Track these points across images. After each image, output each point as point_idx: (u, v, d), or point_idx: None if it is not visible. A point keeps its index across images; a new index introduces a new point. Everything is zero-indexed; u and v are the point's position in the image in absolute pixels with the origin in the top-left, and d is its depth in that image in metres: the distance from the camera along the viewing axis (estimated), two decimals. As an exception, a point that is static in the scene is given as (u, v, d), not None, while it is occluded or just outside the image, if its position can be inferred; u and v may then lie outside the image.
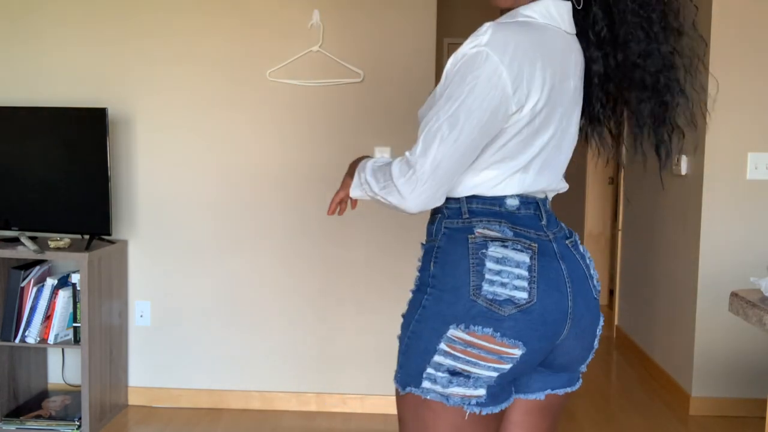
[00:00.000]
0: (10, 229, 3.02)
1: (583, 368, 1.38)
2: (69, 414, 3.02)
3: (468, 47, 1.17)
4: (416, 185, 1.16)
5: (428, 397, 1.21)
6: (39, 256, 2.85)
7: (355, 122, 3.11)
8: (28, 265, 2.99)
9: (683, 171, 3.42)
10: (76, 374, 3.27)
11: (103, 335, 3.00)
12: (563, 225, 1.36)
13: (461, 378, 1.19)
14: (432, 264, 1.26)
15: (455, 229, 1.25)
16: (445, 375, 1.19)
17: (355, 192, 1.33)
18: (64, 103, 3.13)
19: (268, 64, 3.11)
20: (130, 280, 3.23)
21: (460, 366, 1.19)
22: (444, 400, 1.20)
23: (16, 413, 3.04)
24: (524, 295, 1.19)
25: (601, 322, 1.36)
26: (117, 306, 3.13)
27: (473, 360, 1.18)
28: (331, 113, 3.12)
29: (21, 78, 3.18)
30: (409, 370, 1.23)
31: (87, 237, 3.03)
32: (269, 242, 3.19)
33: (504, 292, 1.19)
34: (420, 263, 1.30)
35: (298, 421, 3.13)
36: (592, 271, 1.34)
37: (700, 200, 3.23)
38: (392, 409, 3.10)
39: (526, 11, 1.25)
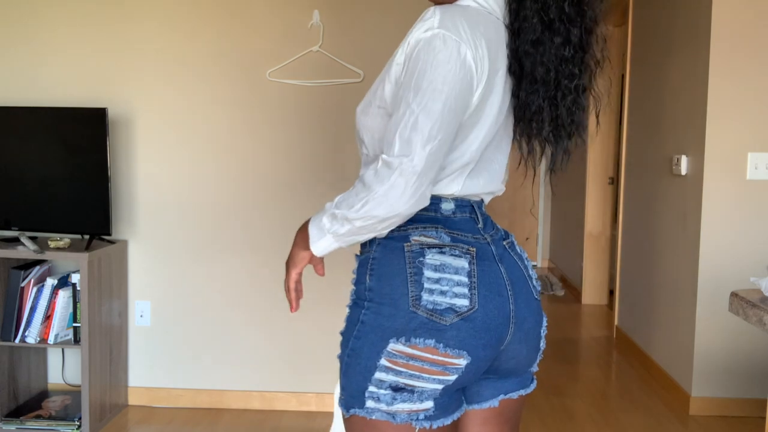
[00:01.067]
0: (10, 229, 3.02)
1: (534, 368, 1.34)
2: (69, 414, 3.02)
3: (420, 32, 1.10)
4: (405, 185, 1.07)
5: (373, 417, 1.15)
6: (39, 256, 2.85)
7: (355, 122, 3.11)
8: (28, 265, 2.99)
9: (683, 171, 3.42)
10: (76, 374, 3.27)
11: (103, 335, 3.00)
12: (498, 227, 1.31)
13: (405, 393, 1.14)
14: (368, 276, 1.19)
15: (390, 238, 1.19)
16: (388, 392, 1.14)
17: (320, 245, 1.18)
18: (64, 103, 3.13)
19: (268, 64, 3.11)
20: (130, 280, 3.23)
21: (402, 381, 1.14)
22: (390, 418, 1.15)
23: (16, 413, 3.04)
24: (465, 302, 1.14)
25: (545, 323, 1.31)
26: (117, 306, 3.13)
27: (416, 373, 1.13)
28: (331, 113, 3.12)
29: (21, 78, 3.18)
30: (351, 390, 1.17)
31: (87, 237, 3.03)
32: (269, 242, 3.19)
33: (444, 301, 1.14)
34: (355, 276, 1.23)
35: (298, 421, 3.13)
36: (530, 272, 1.29)
37: (700, 200, 3.23)
38: (392, 409, 3.10)
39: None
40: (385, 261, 1.18)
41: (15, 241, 2.96)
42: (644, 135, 4.12)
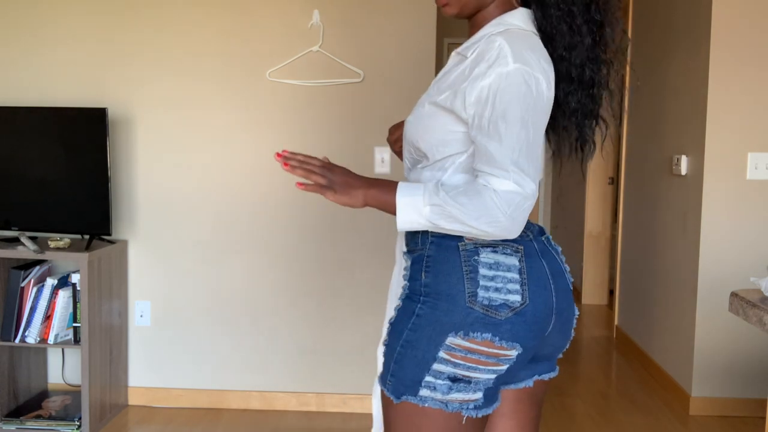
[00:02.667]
0: (10, 229, 3.02)
1: (559, 355, 1.44)
2: (69, 414, 3.02)
3: (500, 69, 1.17)
4: (522, 212, 1.19)
5: (426, 405, 1.23)
6: (39, 256, 2.85)
7: (355, 122, 3.11)
8: (28, 265, 2.99)
9: (683, 171, 3.42)
10: (76, 374, 3.27)
11: (103, 335, 3.00)
12: (532, 222, 1.38)
13: (461, 384, 1.22)
14: (423, 273, 1.26)
15: (444, 237, 1.26)
16: (446, 382, 1.22)
17: (408, 223, 1.22)
18: (64, 103, 3.13)
19: (268, 64, 3.11)
20: (130, 280, 3.23)
21: (461, 372, 1.22)
22: (443, 406, 1.23)
23: (16, 413, 3.04)
24: (518, 297, 1.23)
25: (577, 313, 1.39)
26: (117, 306, 3.13)
27: (474, 365, 1.22)
28: (331, 113, 3.12)
29: (21, 78, 3.18)
30: (405, 379, 1.24)
31: (87, 237, 3.03)
32: (269, 242, 3.19)
33: (499, 297, 1.22)
34: (407, 272, 1.30)
35: (298, 421, 3.13)
36: (565, 265, 1.38)
37: (700, 200, 3.23)
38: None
39: (512, 20, 1.26)
40: (440, 259, 1.25)
41: (15, 241, 2.96)
42: (644, 135, 4.12)
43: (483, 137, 1.19)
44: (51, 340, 2.90)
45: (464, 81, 1.22)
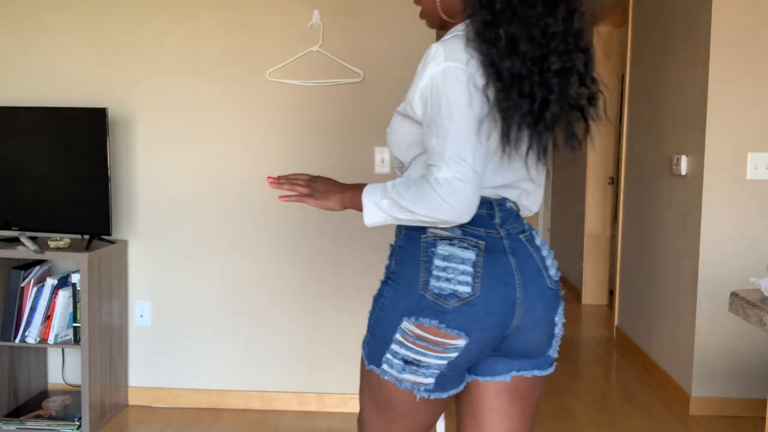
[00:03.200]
0: (10, 229, 3.02)
1: (553, 353, 1.45)
2: (69, 414, 3.02)
3: (432, 69, 1.27)
4: (463, 196, 1.24)
5: (384, 378, 1.36)
6: (39, 256, 2.85)
7: (355, 122, 3.11)
8: (28, 265, 2.99)
9: (683, 171, 3.42)
10: (76, 374, 3.27)
11: (103, 335, 3.00)
12: (523, 221, 1.43)
13: (413, 366, 1.33)
14: (393, 260, 1.40)
15: (413, 229, 1.37)
16: (400, 362, 1.34)
17: (374, 220, 1.34)
18: (64, 103, 3.13)
19: (268, 64, 3.11)
20: (130, 280, 3.23)
21: (411, 356, 1.32)
22: (397, 383, 1.35)
23: (16, 413, 3.04)
24: (467, 289, 1.30)
25: (561, 310, 1.43)
26: (117, 306, 3.13)
27: (423, 351, 1.31)
28: (331, 113, 3.12)
29: (21, 78, 3.18)
30: (373, 350, 1.39)
31: (87, 237, 3.03)
32: (269, 242, 3.19)
33: (448, 287, 1.30)
34: (388, 260, 1.43)
35: (298, 421, 3.13)
36: (548, 263, 1.41)
37: (700, 200, 3.23)
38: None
39: (461, 26, 1.34)
40: (406, 249, 1.37)
41: (15, 241, 2.96)
42: (644, 135, 4.12)
43: (426, 133, 1.29)
44: (51, 340, 2.91)
45: (410, 89, 1.34)
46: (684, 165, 3.42)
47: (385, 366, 1.36)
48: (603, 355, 4.25)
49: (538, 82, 1.27)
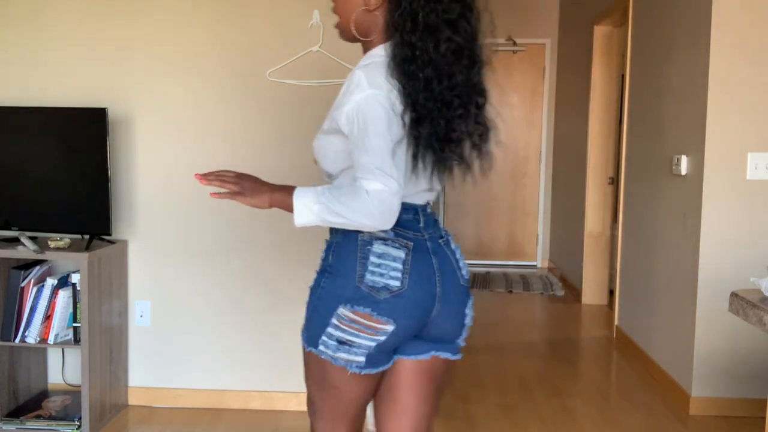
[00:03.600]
0: (10, 229, 3.02)
1: (461, 342, 1.68)
2: (69, 414, 3.02)
3: (357, 95, 1.45)
4: (390, 205, 1.43)
5: (321, 357, 1.55)
6: (39, 256, 2.85)
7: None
8: (28, 265, 2.99)
9: (683, 171, 3.42)
10: (76, 374, 3.27)
11: (103, 335, 3.00)
12: (441, 227, 1.66)
13: (346, 346, 1.52)
14: (331, 255, 1.58)
15: (351, 233, 1.54)
16: (334, 343, 1.53)
17: (304, 221, 1.53)
18: (64, 103, 3.13)
19: (268, 64, 3.11)
20: (130, 280, 3.23)
21: (345, 337, 1.51)
22: (332, 360, 1.54)
23: (16, 413, 3.04)
24: (397, 283, 1.50)
25: (470, 303, 1.67)
26: (117, 306, 3.13)
27: (355, 333, 1.51)
28: (331, 113, 3.12)
29: (21, 78, 3.18)
30: (311, 334, 1.57)
31: (87, 237, 3.03)
32: (269, 242, 3.19)
33: (381, 281, 1.50)
34: (323, 253, 1.63)
35: (298, 421, 3.13)
36: (460, 264, 1.64)
37: (700, 200, 3.23)
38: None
39: (379, 52, 1.52)
40: (343, 245, 1.55)
41: (15, 241, 2.96)
42: (644, 135, 4.12)
43: (354, 150, 1.47)
44: (51, 340, 2.91)
45: (335, 109, 1.52)
46: (684, 165, 3.42)
47: (321, 347, 1.54)
48: (603, 355, 4.25)
49: (444, 117, 1.49)
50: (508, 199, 7.09)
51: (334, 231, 1.61)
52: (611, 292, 5.39)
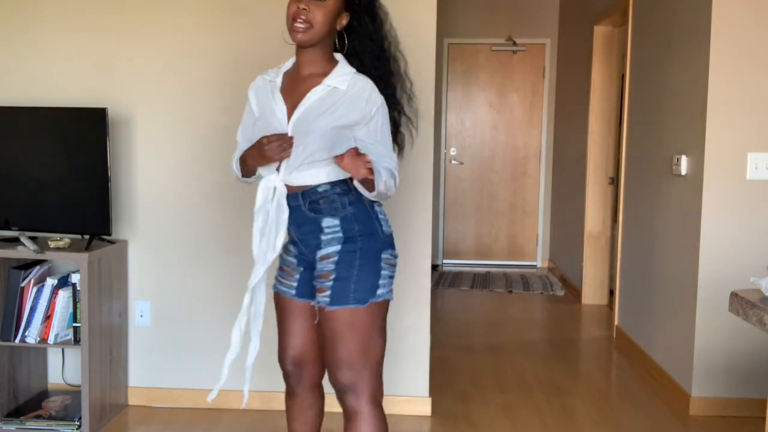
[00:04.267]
0: (10, 229, 3.02)
1: None
2: (69, 414, 3.02)
3: (379, 99, 2.00)
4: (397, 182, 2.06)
5: (381, 299, 2.01)
6: (39, 256, 2.85)
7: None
8: (28, 265, 2.99)
9: (683, 171, 3.42)
10: (76, 374, 3.27)
11: (103, 335, 3.00)
12: None
13: (391, 280, 2.05)
14: (354, 224, 2.00)
15: (357, 202, 2.02)
16: (388, 281, 2.03)
17: (371, 196, 2.00)
18: (64, 103, 3.13)
19: (268, 64, 3.10)
20: (130, 280, 3.23)
21: (389, 274, 2.04)
22: (389, 296, 2.04)
23: (16, 413, 3.04)
24: (391, 229, 2.11)
25: None
26: (117, 306, 3.13)
27: (393, 267, 2.07)
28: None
29: (21, 78, 3.18)
30: (366, 288, 1.98)
31: (87, 237, 3.03)
32: (269, 242, 3.19)
33: (389, 229, 2.08)
34: (337, 228, 2.00)
35: (298, 421, 3.13)
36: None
37: (700, 200, 3.23)
38: (392, 409, 3.10)
39: (348, 68, 2.03)
40: (361, 213, 2.02)
41: (15, 241, 2.96)
42: (644, 135, 4.12)
43: (376, 145, 1.99)
44: (51, 340, 2.91)
45: (353, 109, 1.97)
46: (684, 165, 3.42)
47: (380, 290, 2.01)
48: (603, 355, 4.25)
49: (396, 109, 2.12)
50: (508, 199, 7.09)
51: (340, 207, 2.00)
52: (611, 292, 5.39)
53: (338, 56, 2.04)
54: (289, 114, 1.99)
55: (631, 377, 3.81)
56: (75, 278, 2.93)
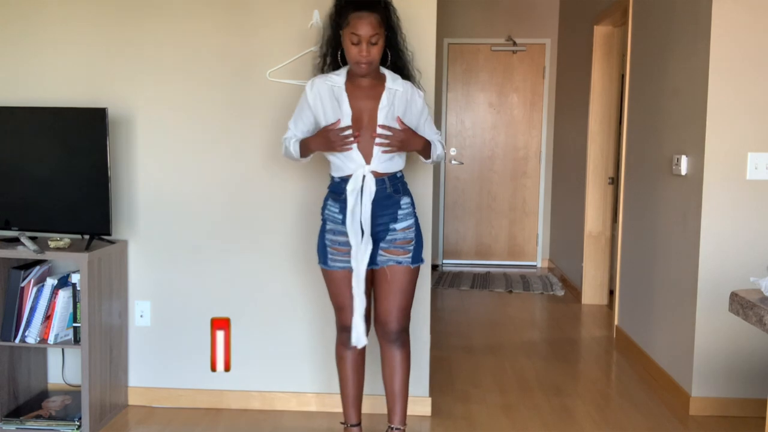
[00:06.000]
0: (10, 229, 3.02)
1: None
2: (69, 414, 3.02)
3: (421, 95, 2.65)
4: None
5: (422, 265, 2.66)
6: (39, 256, 2.85)
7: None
8: (28, 265, 2.99)
9: (683, 171, 3.42)
10: (76, 374, 3.27)
11: (103, 335, 3.01)
12: None
13: None
14: (411, 202, 2.63)
15: (406, 182, 2.67)
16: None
17: (435, 153, 2.69)
18: (64, 103, 3.13)
19: (268, 64, 3.11)
20: (130, 280, 3.23)
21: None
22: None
23: (16, 413, 3.04)
24: None
25: None
26: (117, 306, 3.13)
27: None
28: (331, 113, 3.12)
29: (21, 78, 3.18)
30: (421, 251, 2.63)
31: (87, 237, 3.03)
32: (269, 242, 3.19)
33: None
34: (407, 204, 2.60)
35: (298, 421, 3.13)
36: None
37: (700, 200, 3.23)
38: (392, 409, 3.10)
39: (396, 75, 2.62)
40: (405, 187, 2.64)
41: (15, 241, 2.96)
42: (644, 135, 4.12)
43: (428, 124, 2.69)
44: (51, 340, 2.91)
45: (411, 106, 2.59)
46: (684, 165, 3.42)
47: (424, 255, 2.79)
48: (603, 355, 4.25)
49: None
50: (508, 199, 7.09)
51: (402, 188, 2.61)
52: (611, 292, 5.39)
53: (381, 68, 2.59)
54: (355, 114, 2.50)
55: (631, 377, 3.81)
56: (75, 278, 2.93)
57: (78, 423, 2.94)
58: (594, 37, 5.30)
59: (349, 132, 2.44)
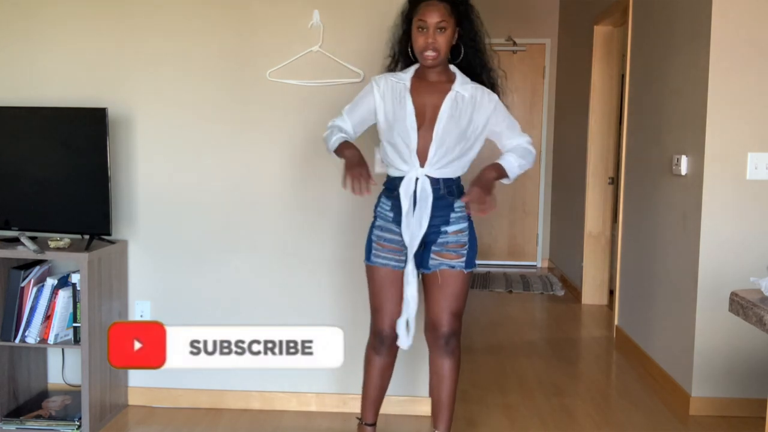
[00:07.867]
0: (10, 229, 3.02)
1: None
2: (69, 414, 3.02)
3: (491, 93, 2.52)
4: None
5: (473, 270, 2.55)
6: (39, 256, 2.85)
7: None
8: (28, 265, 2.99)
9: (683, 171, 3.42)
10: (76, 374, 3.27)
11: (103, 335, 3.00)
12: None
13: None
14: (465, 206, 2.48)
15: (462, 186, 2.55)
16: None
17: (512, 174, 2.54)
18: (64, 103, 3.13)
19: (268, 64, 3.11)
20: (130, 280, 3.23)
21: None
22: None
23: (16, 413, 3.04)
24: None
25: None
26: (117, 306, 3.13)
27: None
28: (331, 113, 3.11)
29: (21, 78, 3.18)
30: (475, 258, 2.51)
31: (87, 237, 3.03)
32: (269, 242, 3.19)
33: None
34: (462, 208, 2.47)
35: (298, 421, 3.13)
36: None
37: (700, 200, 3.23)
38: (392, 409, 3.10)
39: (464, 77, 2.51)
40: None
41: (15, 241, 2.96)
42: (644, 135, 4.12)
43: (508, 128, 2.56)
44: (51, 340, 2.91)
45: (477, 112, 2.48)
46: (684, 165, 3.42)
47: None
48: (603, 355, 4.25)
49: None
50: (508, 199, 7.09)
51: (456, 193, 2.49)
52: (611, 292, 5.39)
53: (452, 67, 2.49)
54: (418, 114, 2.43)
55: (631, 377, 3.81)
56: (75, 278, 2.92)
57: (78, 423, 2.94)
58: (594, 37, 5.30)
59: (367, 183, 2.33)
